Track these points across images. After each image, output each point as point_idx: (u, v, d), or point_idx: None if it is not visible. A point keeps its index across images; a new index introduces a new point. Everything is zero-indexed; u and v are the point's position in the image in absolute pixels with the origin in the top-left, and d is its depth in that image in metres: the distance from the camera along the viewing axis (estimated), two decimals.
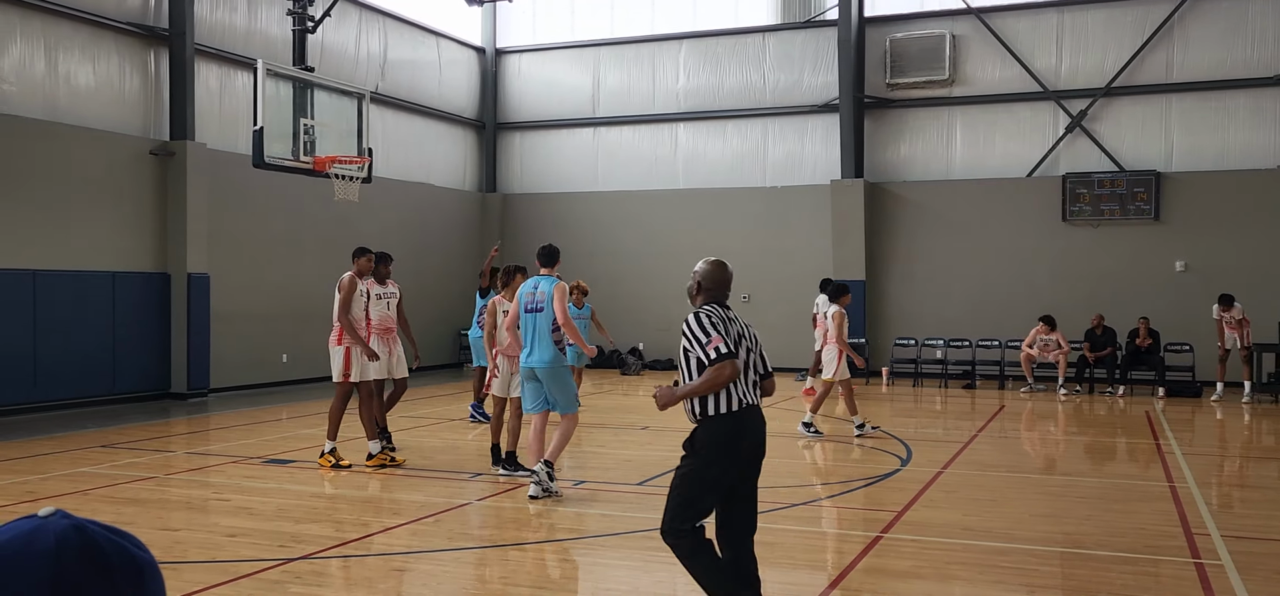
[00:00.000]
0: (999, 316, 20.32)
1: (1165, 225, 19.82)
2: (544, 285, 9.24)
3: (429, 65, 23.21)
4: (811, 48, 22.37)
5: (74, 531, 1.14)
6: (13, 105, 14.75)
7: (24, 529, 1.15)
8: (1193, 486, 9.73)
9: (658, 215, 23.23)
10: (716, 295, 5.61)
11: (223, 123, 17.94)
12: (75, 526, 1.15)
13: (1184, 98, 20.04)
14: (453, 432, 13.24)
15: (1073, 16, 20.65)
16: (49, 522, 1.16)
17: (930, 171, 21.64)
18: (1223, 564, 6.99)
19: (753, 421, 5.32)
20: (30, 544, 1.13)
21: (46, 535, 1.14)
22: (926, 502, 9.02)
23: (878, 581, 6.67)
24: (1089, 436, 14.12)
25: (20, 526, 1.16)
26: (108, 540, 1.16)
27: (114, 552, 1.15)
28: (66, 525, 1.15)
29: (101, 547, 1.15)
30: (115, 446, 12.02)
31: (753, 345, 5.48)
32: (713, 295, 5.60)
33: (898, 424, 14.47)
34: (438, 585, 6.77)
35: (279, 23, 18.29)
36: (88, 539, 1.15)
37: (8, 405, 14.36)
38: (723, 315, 5.43)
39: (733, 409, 5.22)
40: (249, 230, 18.16)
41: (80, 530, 1.15)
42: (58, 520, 1.16)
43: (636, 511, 8.92)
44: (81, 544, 1.14)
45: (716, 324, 5.30)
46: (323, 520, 8.55)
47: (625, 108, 23.89)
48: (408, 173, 22.27)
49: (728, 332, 5.30)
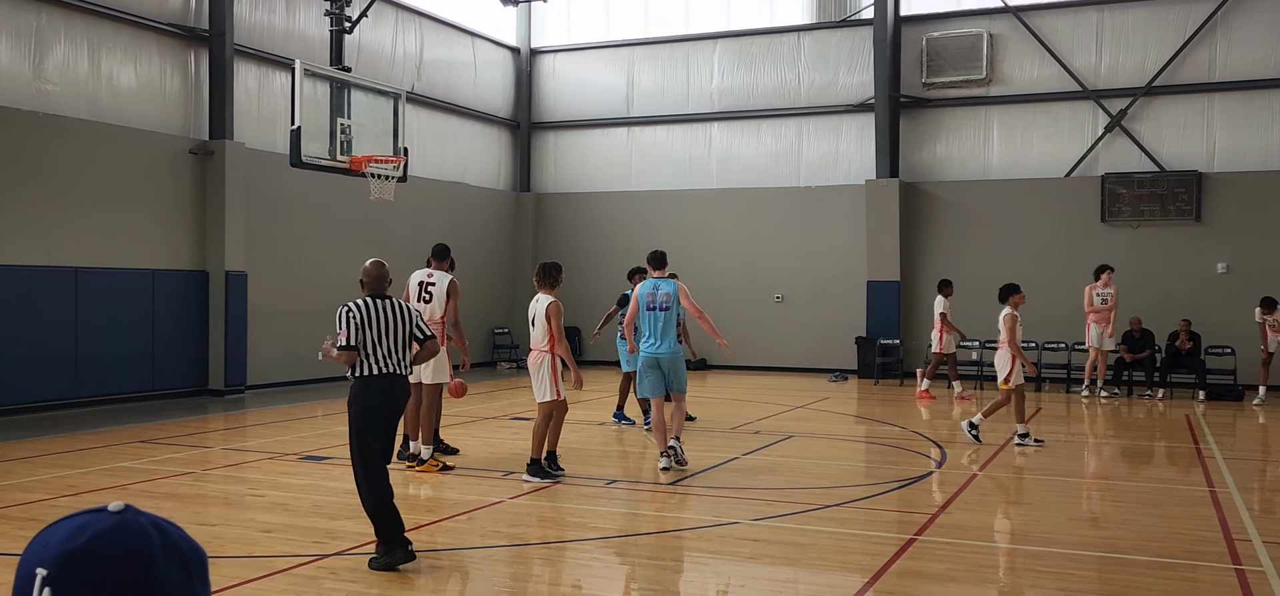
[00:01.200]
0: (1036, 318, 20.05)
1: (1206, 226, 19.53)
2: (665, 286, 10.51)
3: (464, 65, 23.33)
4: (847, 47, 22.25)
5: (154, 528, 1.17)
6: (56, 105, 14.98)
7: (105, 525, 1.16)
8: (1234, 491, 9.58)
9: (692, 215, 23.21)
10: (373, 288, 7.06)
11: (261, 122, 18.12)
12: (153, 523, 1.17)
13: (1226, 97, 19.74)
14: (486, 430, 13.29)
15: (1113, 14, 20.40)
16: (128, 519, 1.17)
17: (967, 171, 21.46)
18: (1264, 570, 6.88)
19: (390, 385, 6.89)
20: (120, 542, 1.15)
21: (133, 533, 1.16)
22: (961, 505, 8.94)
23: (912, 584, 6.62)
24: (1128, 440, 13.94)
25: (96, 521, 1.16)
26: (181, 537, 1.19)
27: (188, 549, 1.18)
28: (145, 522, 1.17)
29: (178, 544, 1.18)
30: (154, 441, 12.17)
31: (405, 322, 7.00)
32: (371, 288, 7.07)
33: (932, 426, 14.37)
34: (471, 583, 6.80)
35: (317, 23, 18.45)
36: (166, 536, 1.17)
37: (49, 400, 14.59)
38: (367, 307, 6.89)
39: (371, 374, 6.83)
40: (286, 229, 18.33)
41: (158, 527, 1.17)
42: (134, 516, 1.18)
43: (669, 511, 8.92)
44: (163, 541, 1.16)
45: (351, 318, 6.80)
46: (357, 516, 8.59)
47: (659, 107, 23.89)
48: (443, 172, 22.39)
49: (368, 322, 6.82)
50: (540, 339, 9.70)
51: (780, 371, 21.82)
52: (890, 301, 21.28)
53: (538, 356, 9.72)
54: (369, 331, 6.82)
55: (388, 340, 6.88)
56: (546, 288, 9.78)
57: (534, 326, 9.77)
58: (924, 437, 12.94)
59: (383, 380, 6.84)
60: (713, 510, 8.80)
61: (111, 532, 1.15)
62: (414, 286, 10.64)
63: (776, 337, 22.30)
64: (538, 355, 9.72)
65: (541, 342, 9.70)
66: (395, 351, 6.91)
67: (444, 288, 10.51)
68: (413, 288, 10.65)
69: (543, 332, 9.69)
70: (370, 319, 6.83)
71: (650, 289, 10.48)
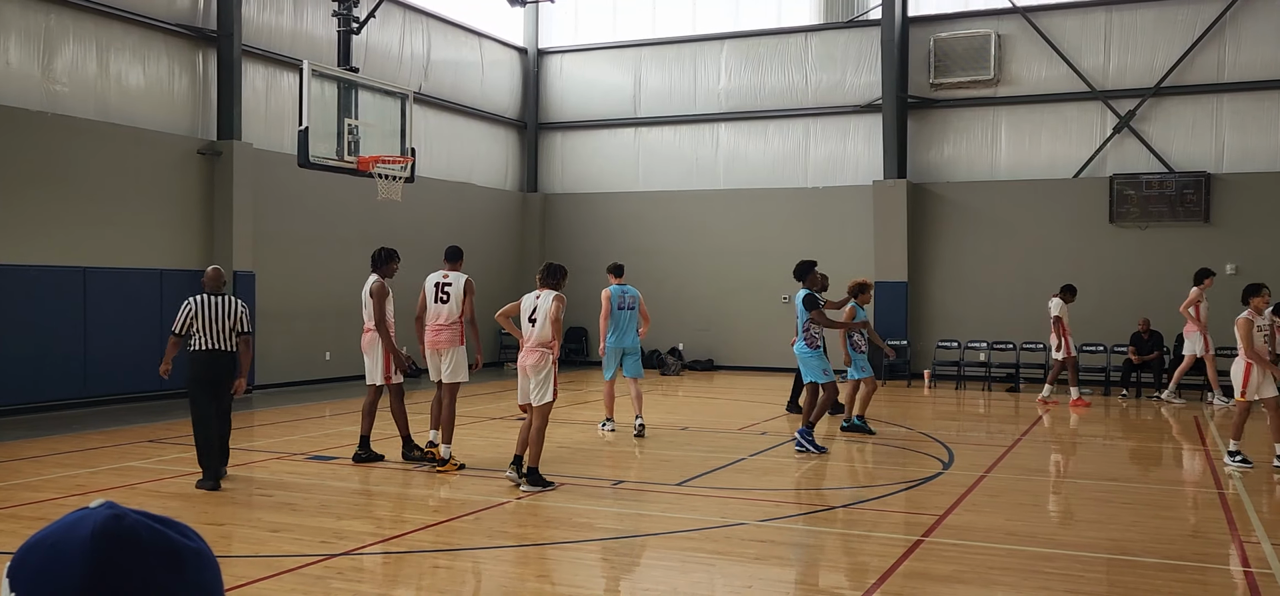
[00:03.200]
0: (1044, 319, 20.05)
1: (1215, 227, 19.47)
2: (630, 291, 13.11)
3: (472, 66, 23.35)
4: (854, 48, 22.23)
5: (113, 519, 1.17)
6: (65, 105, 15.03)
7: (70, 520, 1.18)
8: (1243, 493, 9.54)
9: (698, 215, 23.20)
10: (211, 288, 9.39)
11: (269, 123, 18.16)
12: (115, 514, 1.17)
13: (1236, 97, 19.67)
14: (492, 431, 13.30)
15: (1121, 15, 20.34)
16: (93, 512, 1.18)
17: (974, 172, 21.42)
18: (1273, 572, 6.85)
19: (213, 361, 9.31)
20: (72, 532, 1.16)
21: (86, 523, 1.17)
22: (969, 506, 8.92)
23: (919, 585, 6.60)
24: (1136, 441, 13.90)
25: (69, 518, 1.19)
26: (145, 526, 1.18)
27: (149, 537, 1.17)
28: (108, 514, 1.17)
29: (137, 532, 1.17)
30: (162, 441, 12.20)
31: (229, 315, 9.34)
32: (209, 288, 9.39)
33: (940, 427, 14.34)
34: (476, 583, 6.80)
35: (324, 24, 18.48)
36: (125, 525, 1.17)
37: (59, 400, 14.64)
38: (203, 302, 9.28)
39: (200, 349, 9.28)
40: (293, 229, 18.37)
41: (119, 517, 1.17)
42: (103, 510, 1.19)
43: (675, 512, 8.91)
44: (117, 530, 1.16)
45: (187, 310, 9.26)
46: (364, 516, 8.63)
47: (666, 108, 23.88)
48: (450, 172, 22.41)
49: (199, 315, 9.22)
50: (543, 337, 9.40)
51: (787, 372, 21.75)
52: (898, 302, 21.25)
53: (540, 356, 9.40)
54: (197, 321, 9.25)
55: (215, 327, 9.27)
56: (546, 286, 9.59)
57: (535, 323, 9.46)
58: (931, 439, 12.92)
59: (206, 355, 9.27)
60: (719, 511, 8.79)
61: (68, 525, 1.17)
62: (430, 288, 10.61)
63: (783, 338, 22.22)
64: (540, 354, 9.40)
65: (544, 341, 9.41)
66: (220, 337, 9.30)
67: (460, 287, 10.52)
68: (429, 289, 10.60)
69: (547, 329, 9.39)
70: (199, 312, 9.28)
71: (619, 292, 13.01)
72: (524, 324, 9.62)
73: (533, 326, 9.50)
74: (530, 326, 9.53)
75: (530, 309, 9.57)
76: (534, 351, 9.44)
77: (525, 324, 9.61)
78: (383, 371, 10.55)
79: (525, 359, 9.50)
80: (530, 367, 9.44)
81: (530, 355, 9.45)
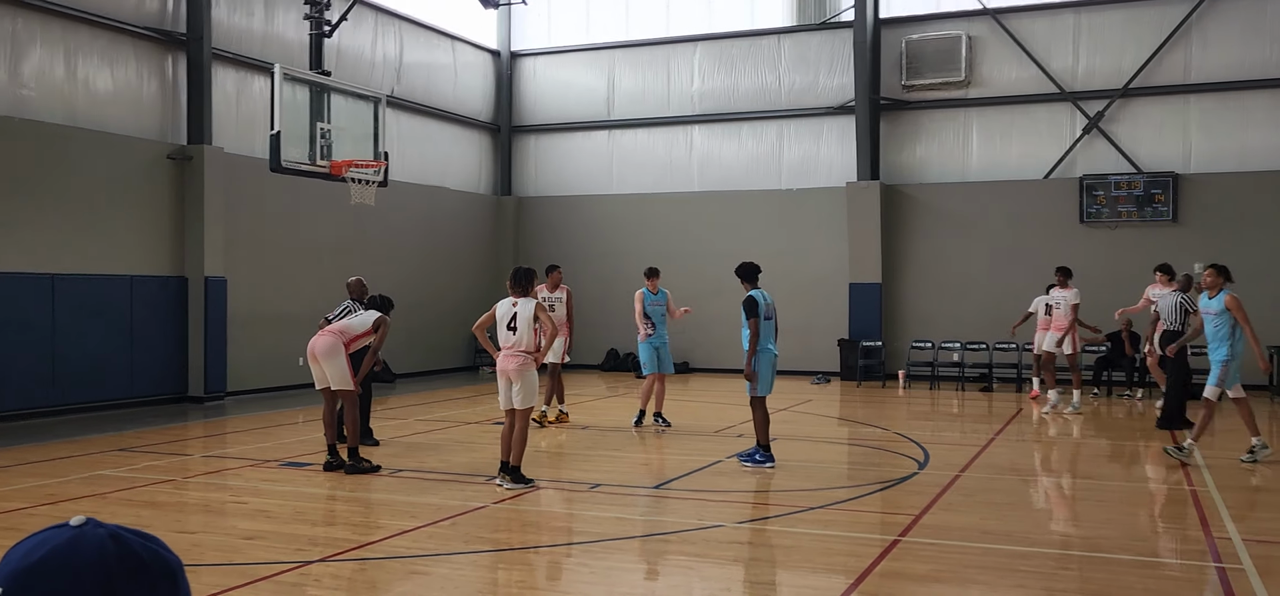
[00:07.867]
0: (1016, 319, 20.19)
1: (1183, 227, 19.68)
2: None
3: (444, 68, 23.27)
4: (827, 49, 22.32)
5: (111, 540, 1.17)
6: (32, 110, 14.85)
7: (61, 539, 1.17)
8: (1213, 490, 9.65)
9: (672, 218, 23.21)
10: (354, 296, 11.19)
11: (240, 127, 18.01)
12: (111, 534, 1.17)
13: (1202, 98, 19.90)
14: (468, 435, 13.25)
15: (1090, 17, 20.54)
16: (86, 533, 1.18)
17: (946, 173, 21.56)
18: (1244, 568, 6.93)
19: None
20: (74, 555, 1.15)
21: (88, 546, 1.16)
22: (944, 506, 8.97)
23: (896, 585, 6.63)
24: (1108, 440, 14.02)
25: (55, 537, 1.18)
26: (142, 546, 1.19)
27: (150, 558, 1.18)
28: (103, 534, 1.17)
29: (138, 554, 1.18)
30: (133, 449, 12.07)
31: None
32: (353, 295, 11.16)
33: (915, 427, 14.41)
34: (453, 588, 6.77)
35: (296, 27, 18.35)
36: (125, 547, 1.18)
37: (27, 408, 14.45)
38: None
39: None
40: (266, 234, 18.23)
41: (117, 538, 1.17)
42: (93, 529, 1.18)
43: (652, 515, 8.91)
44: (119, 552, 1.16)
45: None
46: (340, 523, 8.58)
47: (640, 110, 23.89)
48: (423, 176, 22.31)
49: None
50: (524, 342, 9.46)
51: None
52: (872, 303, 21.35)
53: (522, 361, 9.46)
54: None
55: None
56: (521, 294, 9.61)
57: (514, 331, 9.50)
58: (907, 439, 12.98)
59: None
60: (697, 513, 8.79)
61: (67, 546, 1.17)
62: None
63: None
64: (522, 360, 9.46)
65: (526, 345, 9.47)
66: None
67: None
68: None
69: (528, 335, 9.50)
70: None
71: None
72: (502, 332, 9.59)
73: (512, 334, 9.50)
74: (509, 334, 9.52)
75: (507, 317, 9.56)
76: (515, 357, 9.48)
77: (503, 332, 9.58)
78: (352, 377, 10.36)
79: (506, 364, 9.50)
80: (512, 373, 9.47)
81: (511, 360, 9.48)
